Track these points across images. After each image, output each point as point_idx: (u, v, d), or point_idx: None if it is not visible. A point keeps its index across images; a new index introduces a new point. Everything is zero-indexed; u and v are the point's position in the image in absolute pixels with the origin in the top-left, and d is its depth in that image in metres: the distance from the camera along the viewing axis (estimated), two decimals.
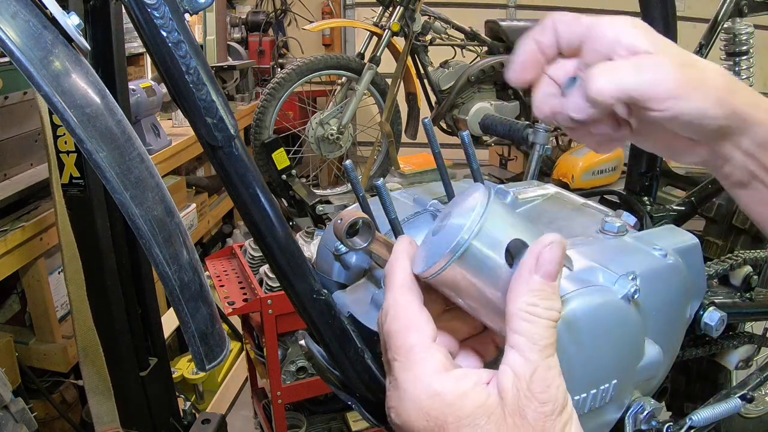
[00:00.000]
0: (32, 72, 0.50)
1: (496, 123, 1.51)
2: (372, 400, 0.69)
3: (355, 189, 0.67)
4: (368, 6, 4.62)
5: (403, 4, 3.17)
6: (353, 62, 3.27)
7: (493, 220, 0.43)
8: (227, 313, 1.84)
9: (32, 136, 2.04)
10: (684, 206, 1.26)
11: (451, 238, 0.43)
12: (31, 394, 1.92)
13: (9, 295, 2.03)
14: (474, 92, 3.51)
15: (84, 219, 1.32)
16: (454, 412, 0.40)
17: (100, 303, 1.39)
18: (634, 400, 0.72)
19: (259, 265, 1.98)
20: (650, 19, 1.14)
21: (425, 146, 0.78)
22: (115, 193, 0.54)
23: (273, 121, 3.13)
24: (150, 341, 1.53)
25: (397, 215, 0.64)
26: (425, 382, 0.42)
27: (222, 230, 3.81)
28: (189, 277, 0.59)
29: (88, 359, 1.43)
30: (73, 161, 1.29)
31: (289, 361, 1.92)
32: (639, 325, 0.68)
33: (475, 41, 3.57)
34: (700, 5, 4.56)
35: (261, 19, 4.66)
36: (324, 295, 0.67)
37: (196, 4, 0.57)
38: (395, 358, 0.44)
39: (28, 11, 0.51)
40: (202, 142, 0.59)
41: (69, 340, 1.95)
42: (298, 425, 2.13)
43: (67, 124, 0.52)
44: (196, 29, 3.64)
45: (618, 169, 3.59)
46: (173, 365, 2.32)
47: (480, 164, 0.69)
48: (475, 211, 0.43)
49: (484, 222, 0.43)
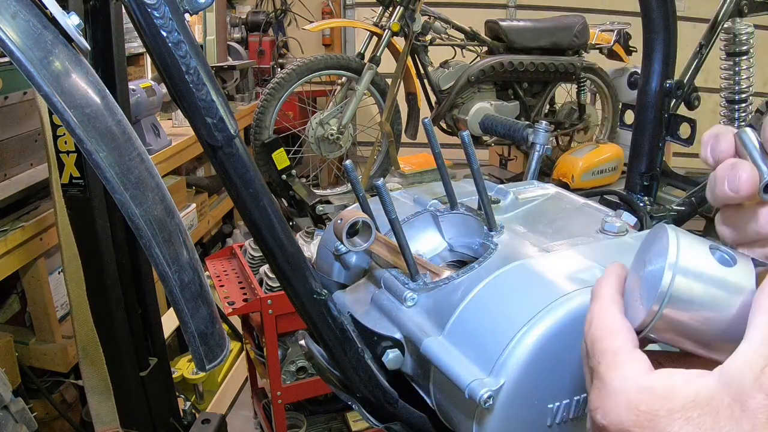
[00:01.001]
0: (32, 72, 0.50)
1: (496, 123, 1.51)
2: (372, 400, 0.69)
3: (355, 189, 0.68)
4: (368, 6, 4.62)
5: (403, 4, 3.17)
6: (353, 62, 3.27)
7: (688, 250, 0.43)
8: (227, 313, 1.85)
9: (32, 136, 2.05)
10: (684, 206, 1.26)
11: (656, 280, 0.43)
12: (31, 394, 1.92)
13: (9, 295, 2.03)
14: (474, 92, 3.51)
15: (84, 219, 1.32)
16: (665, 405, 0.40)
17: (100, 303, 1.39)
18: None
19: (259, 265, 1.98)
20: (650, 19, 1.14)
21: (425, 146, 0.78)
22: (115, 193, 0.54)
23: (273, 121, 3.13)
24: (150, 341, 1.53)
25: (397, 215, 0.64)
26: (634, 377, 0.42)
27: (222, 230, 3.81)
28: (189, 277, 0.59)
29: (87, 359, 1.43)
30: (73, 161, 1.29)
31: (289, 361, 1.92)
32: None
33: (475, 41, 3.57)
34: (700, 5, 4.57)
35: (261, 19, 4.66)
36: (324, 295, 0.67)
37: (196, 4, 0.57)
38: (600, 361, 0.44)
39: (28, 11, 0.51)
40: (202, 142, 0.59)
41: (69, 340, 1.95)
42: (298, 425, 2.13)
43: (67, 124, 0.52)
44: (196, 29, 3.64)
45: (618, 169, 3.59)
46: (173, 365, 2.32)
47: (480, 164, 0.69)
48: (669, 249, 0.43)
49: (681, 254, 0.42)
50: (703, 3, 4.54)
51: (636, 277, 0.47)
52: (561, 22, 3.66)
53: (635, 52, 4.05)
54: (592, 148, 3.62)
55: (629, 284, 0.48)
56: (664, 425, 0.39)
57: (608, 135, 4.02)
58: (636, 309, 0.45)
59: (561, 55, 3.62)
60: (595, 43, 3.84)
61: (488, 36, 3.63)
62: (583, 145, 3.79)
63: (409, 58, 3.34)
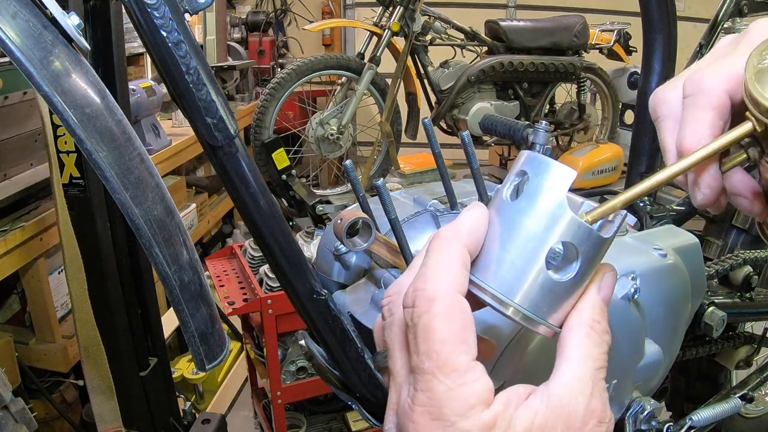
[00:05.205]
0: (32, 72, 0.50)
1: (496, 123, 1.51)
2: (372, 400, 0.69)
3: (355, 189, 0.68)
4: (368, 6, 4.63)
5: (403, 4, 3.18)
6: (353, 62, 3.27)
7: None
8: (227, 313, 1.85)
9: (32, 136, 2.04)
10: (684, 206, 1.26)
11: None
12: (31, 394, 1.92)
13: (9, 295, 2.03)
14: (474, 92, 3.52)
15: (84, 219, 1.32)
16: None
17: (100, 303, 1.39)
18: (634, 400, 0.72)
19: (259, 265, 1.98)
20: (650, 19, 1.14)
21: (425, 146, 0.78)
22: (115, 193, 0.54)
23: (273, 121, 3.13)
24: (150, 341, 1.53)
25: (397, 215, 0.64)
26: (477, 415, 0.37)
27: (222, 230, 3.81)
28: (189, 277, 0.59)
29: (89, 358, 1.43)
30: (73, 161, 1.29)
31: (289, 361, 1.92)
32: (639, 325, 0.68)
33: (475, 41, 3.57)
34: (700, 5, 4.57)
35: (261, 19, 4.66)
36: (324, 295, 0.67)
37: (196, 4, 0.57)
38: (436, 373, 0.37)
39: (28, 11, 0.51)
40: (202, 142, 0.59)
41: (69, 340, 1.95)
42: (298, 425, 2.13)
43: (67, 124, 0.52)
44: (196, 29, 3.63)
45: (618, 169, 3.59)
46: (173, 365, 2.32)
47: (480, 164, 0.69)
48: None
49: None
50: (703, 3, 4.55)
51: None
52: (561, 22, 3.66)
53: (635, 52, 4.05)
54: (592, 148, 3.62)
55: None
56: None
57: (608, 135, 4.02)
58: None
59: (561, 55, 3.62)
60: (595, 43, 3.84)
61: (488, 36, 3.63)
62: (583, 145, 3.79)
63: (409, 58, 3.34)
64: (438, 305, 0.37)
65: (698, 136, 0.43)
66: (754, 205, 0.46)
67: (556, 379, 0.39)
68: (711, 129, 0.43)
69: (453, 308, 0.38)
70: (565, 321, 0.40)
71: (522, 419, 0.37)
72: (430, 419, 0.37)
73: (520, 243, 0.38)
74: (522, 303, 0.38)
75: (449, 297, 0.38)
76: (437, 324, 0.37)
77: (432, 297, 0.38)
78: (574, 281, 0.39)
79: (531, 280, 0.38)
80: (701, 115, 0.43)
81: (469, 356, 0.37)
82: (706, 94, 0.43)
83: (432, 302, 0.37)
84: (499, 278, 0.39)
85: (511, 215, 0.39)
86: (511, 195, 0.40)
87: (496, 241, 0.39)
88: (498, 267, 0.39)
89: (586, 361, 0.39)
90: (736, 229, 1.54)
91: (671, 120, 0.47)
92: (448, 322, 0.37)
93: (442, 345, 0.37)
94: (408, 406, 0.38)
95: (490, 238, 0.40)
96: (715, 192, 0.46)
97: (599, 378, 0.39)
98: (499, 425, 0.37)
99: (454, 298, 0.38)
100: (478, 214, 0.41)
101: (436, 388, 0.37)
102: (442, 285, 0.38)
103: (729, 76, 0.43)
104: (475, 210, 0.41)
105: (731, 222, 1.53)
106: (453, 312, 0.37)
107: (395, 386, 0.41)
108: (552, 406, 0.38)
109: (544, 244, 0.38)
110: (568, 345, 0.39)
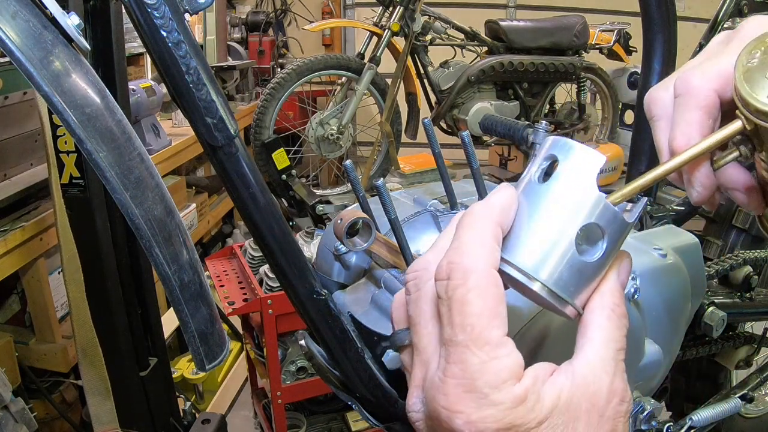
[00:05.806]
0: (32, 72, 0.50)
1: (496, 123, 1.51)
2: (372, 400, 0.69)
3: (355, 189, 0.68)
4: (368, 6, 4.62)
5: (403, 4, 3.18)
6: (353, 62, 3.27)
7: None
8: (227, 313, 1.85)
9: (32, 136, 2.04)
10: (684, 206, 1.26)
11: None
12: (31, 394, 1.92)
13: (9, 295, 2.03)
14: (474, 92, 3.52)
15: (84, 219, 1.32)
16: (536, 417, 0.37)
17: (99, 303, 1.39)
18: (634, 400, 0.72)
19: (259, 265, 1.98)
20: (650, 19, 1.14)
21: (425, 146, 0.78)
22: (115, 193, 0.54)
23: (273, 121, 3.13)
24: (150, 341, 1.53)
25: (397, 215, 0.64)
26: (509, 388, 0.37)
27: (222, 230, 3.81)
28: (189, 277, 0.59)
29: (87, 360, 1.43)
30: (73, 161, 1.29)
31: (289, 361, 1.92)
32: (639, 325, 0.68)
33: (475, 41, 3.58)
34: (700, 5, 4.57)
35: (261, 19, 4.66)
36: (324, 295, 0.67)
37: (196, 4, 0.57)
38: (470, 346, 0.37)
39: (28, 11, 0.51)
40: (202, 142, 0.59)
41: (69, 340, 1.95)
42: (298, 425, 2.13)
43: (67, 124, 0.52)
44: (196, 29, 3.64)
45: (618, 169, 3.59)
46: (173, 365, 2.32)
47: (480, 164, 0.69)
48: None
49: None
50: (703, 3, 4.55)
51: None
52: (561, 22, 3.66)
53: (635, 52, 4.05)
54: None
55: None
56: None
57: (608, 135, 4.02)
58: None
59: (561, 55, 3.62)
60: (595, 43, 3.84)
61: (488, 36, 3.63)
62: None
63: (409, 58, 3.34)
64: (473, 279, 0.38)
65: (687, 136, 0.44)
66: (750, 199, 0.47)
67: (579, 359, 0.40)
68: (700, 128, 0.44)
69: (488, 282, 0.38)
70: (586, 303, 0.41)
71: (549, 395, 0.38)
72: (462, 391, 0.37)
73: (550, 223, 0.39)
74: (549, 281, 0.39)
75: (485, 271, 0.38)
76: (472, 297, 0.37)
77: (468, 270, 0.38)
78: (600, 263, 0.40)
79: (559, 259, 0.39)
80: (690, 115, 0.44)
81: (501, 330, 0.38)
82: (694, 94, 0.44)
83: (468, 276, 0.38)
84: (528, 256, 0.39)
85: (541, 196, 0.40)
86: (539, 177, 0.41)
87: (525, 221, 0.40)
88: (527, 246, 0.40)
89: (608, 343, 0.40)
90: (736, 229, 1.54)
91: (664, 120, 0.48)
92: (483, 297, 0.38)
93: (477, 318, 0.37)
94: (439, 379, 0.38)
95: (519, 217, 0.41)
96: (709, 189, 0.47)
97: (620, 359, 0.40)
98: (530, 398, 0.37)
99: (490, 272, 0.38)
100: (508, 193, 0.41)
101: (470, 360, 0.37)
102: (477, 259, 0.38)
103: (718, 74, 0.44)
104: (506, 190, 0.41)
105: (731, 222, 1.53)
106: (488, 286, 0.38)
107: (421, 362, 0.41)
108: (576, 384, 0.39)
109: (574, 225, 0.38)
110: (591, 326, 0.40)
